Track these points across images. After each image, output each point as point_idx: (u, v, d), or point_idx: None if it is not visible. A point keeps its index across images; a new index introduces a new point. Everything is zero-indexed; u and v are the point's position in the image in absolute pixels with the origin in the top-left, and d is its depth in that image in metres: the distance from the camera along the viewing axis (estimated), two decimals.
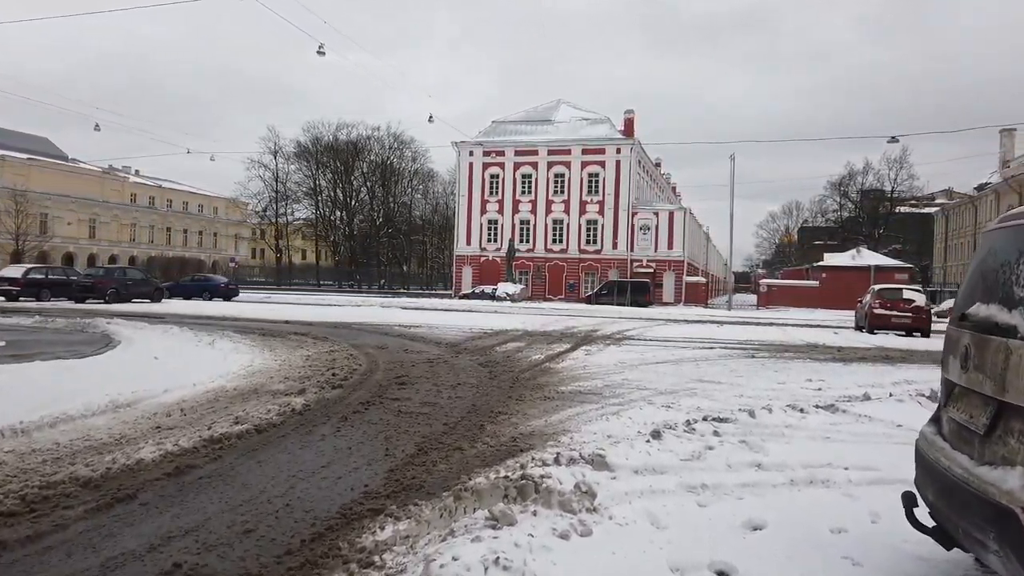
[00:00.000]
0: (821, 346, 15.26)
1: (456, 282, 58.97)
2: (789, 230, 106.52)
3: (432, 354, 11.51)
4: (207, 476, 4.36)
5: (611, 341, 14.99)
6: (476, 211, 58.25)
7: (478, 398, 7.42)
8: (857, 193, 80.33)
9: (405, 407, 6.77)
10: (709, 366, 10.77)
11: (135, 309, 23.08)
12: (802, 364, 11.39)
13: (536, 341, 14.43)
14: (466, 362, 10.59)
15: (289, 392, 7.29)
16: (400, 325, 17.94)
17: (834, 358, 12.58)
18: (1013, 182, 58.27)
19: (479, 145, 57.42)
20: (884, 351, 14.30)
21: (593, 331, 18.05)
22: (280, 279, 75.03)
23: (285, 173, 73.88)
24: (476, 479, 4.19)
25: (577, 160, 55.54)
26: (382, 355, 11.18)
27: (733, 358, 12.09)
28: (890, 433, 5.84)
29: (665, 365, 10.73)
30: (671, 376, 9.47)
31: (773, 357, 12.39)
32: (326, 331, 15.56)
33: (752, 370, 10.39)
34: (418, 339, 14.25)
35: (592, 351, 12.61)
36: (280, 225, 76.64)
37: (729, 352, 13.11)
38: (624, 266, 53.57)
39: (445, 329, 17.14)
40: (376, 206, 78.04)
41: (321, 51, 23.87)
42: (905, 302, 19.58)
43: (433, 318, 21.93)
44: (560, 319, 23.78)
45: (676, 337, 16.74)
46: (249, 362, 9.69)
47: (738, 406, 7.11)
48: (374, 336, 14.77)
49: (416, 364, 10.17)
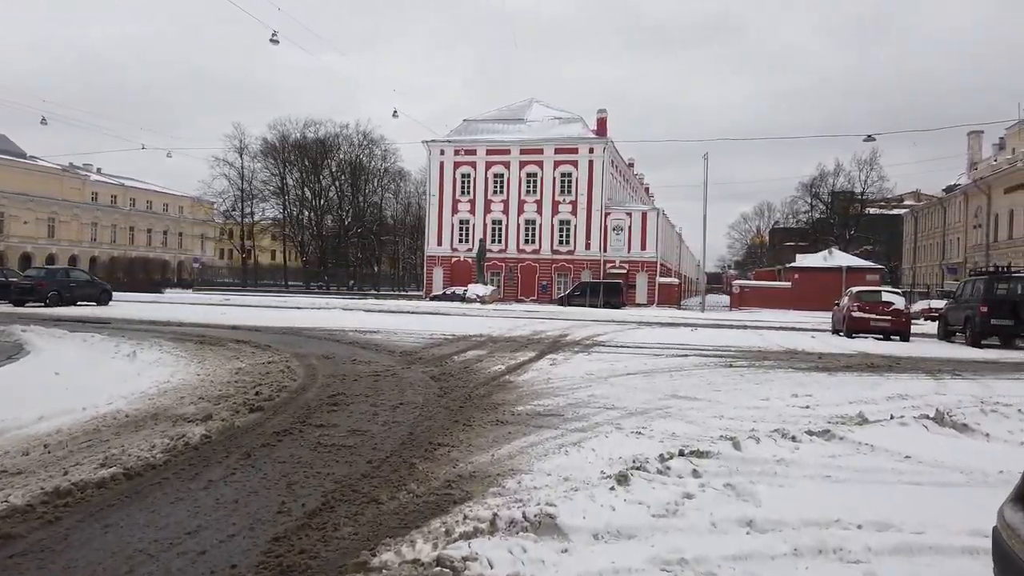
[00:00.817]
0: (801, 352, 14.45)
1: (427, 283, 57.77)
2: (760, 231, 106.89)
3: (381, 365, 10.41)
4: (21, 553, 3.25)
5: (580, 348, 14.02)
6: (447, 211, 57.11)
7: (419, 423, 6.36)
8: (828, 194, 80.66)
9: (328, 437, 5.68)
10: (684, 378, 9.83)
11: (77, 313, 21.59)
12: (784, 374, 10.51)
13: (499, 348, 13.40)
14: (417, 375, 9.52)
15: (194, 418, 6.17)
16: (356, 331, 16.79)
17: (816, 367, 11.73)
18: (982, 184, 58.65)
19: (450, 144, 56.28)
20: (868, 358, 13.51)
21: (562, 336, 17.08)
22: (246, 280, 73.04)
23: (251, 171, 71.95)
24: (383, 554, 3.14)
25: (550, 160, 54.68)
26: (325, 367, 10.07)
27: (709, 367, 11.18)
28: (900, 469, 4.91)
29: (636, 377, 9.76)
30: (643, 391, 8.49)
31: (752, 367, 11.51)
32: (273, 338, 14.38)
33: (731, 383, 9.47)
34: (371, 347, 13.14)
35: (558, 360, 11.61)
36: (246, 225, 74.58)
37: (705, 360, 12.20)
38: (597, 267, 52.82)
39: (404, 335, 16.04)
40: (345, 205, 76.39)
41: (275, 39, 22.57)
42: (884, 305, 18.91)
43: (395, 322, 20.80)
44: (529, 323, 22.80)
45: (649, 343, 15.84)
46: (167, 377, 8.52)
47: (719, 431, 6.15)
48: (324, 344, 13.62)
49: (360, 378, 9.07)
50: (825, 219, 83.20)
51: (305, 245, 74.65)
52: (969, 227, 63.15)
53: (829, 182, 79.71)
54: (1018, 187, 52.85)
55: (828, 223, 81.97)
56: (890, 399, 8.25)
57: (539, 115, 58.34)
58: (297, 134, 70.85)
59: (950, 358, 14.09)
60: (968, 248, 63.21)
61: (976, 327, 17.21)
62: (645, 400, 7.84)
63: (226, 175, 70.65)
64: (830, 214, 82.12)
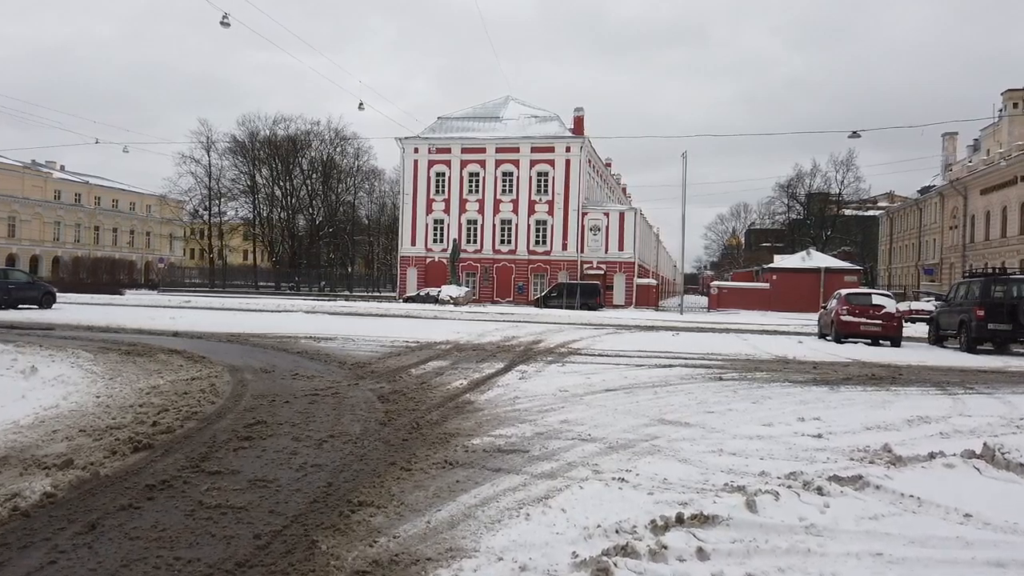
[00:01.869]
0: (793, 361, 13.33)
1: (400, 284, 56.25)
2: (736, 232, 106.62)
3: (325, 382, 9.06)
4: None
5: (554, 357, 12.76)
6: (421, 210, 55.64)
7: (345, 467, 5.04)
8: (805, 195, 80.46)
9: (218, 493, 4.34)
10: (671, 395, 8.60)
11: (13, 318, 19.91)
12: (781, 390, 9.34)
13: (465, 358, 12.09)
14: (363, 394, 8.18)
15: (52, 463, 4.78)
16: (311, 337, 15.37)
17: (815, 379, 10.58)
18: (958, 184, 58.55)
19: (425, 142, 54.82)
20: (866, 367, 12.42)
21: (535, 343, 15.82)
22: (214, 281, 70.82)
23: (219, 169, 69.72)
24: None
25: (526, 158, 53.46)
26: (258, 384, 8.69)
27: (697, 381, 9.98)
28: (965, 537, 3.70)
29: (617, 395, 8.52)
30: (625, 415, 7.25)
31: (744, 379, 10.33)
32: (213, 347, 12.93)
33: (724, 401, 8.26)
34: (320, 357, 11.75)
35: (528, 373, 10.33)
36: (213, 224, 72.32)
37: (691, 372, 11.00)
38: (574, 268, 51.71)
39: (362, 342, 14.67)
40: (318, 204, 74.45)
41: (225, 21, 20.95)
42: (875, 308, 17.91)
43: (357, 327, 19.41)
44: (501, 327, 21.52)
45: (629, 350, 14.63)
46: (57, 400, 7.10)
47: (722, 475, 4.91)
48: (268, 354, 12.20)
49: (293, 399, 7.71)
50: (801, 220, 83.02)
51: (275, 245, 72.53)
52: (946, 228, 63.11)
53: (806, 182, 79.57)
54: (995, 188, 52.75)
55: (805, 224, 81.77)
56: (910, 423, 7.09)
57: (515, 113, 57.09)
58: (267, 131, 68.86)
59: (952, 367, 13.05)
60: (945, 249, 63.16)
61: (972, 332, 16.25)
62: (628, 427, 6.59)
63: (193, 173, 68.42)
64: (807, 215, 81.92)
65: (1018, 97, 61.41)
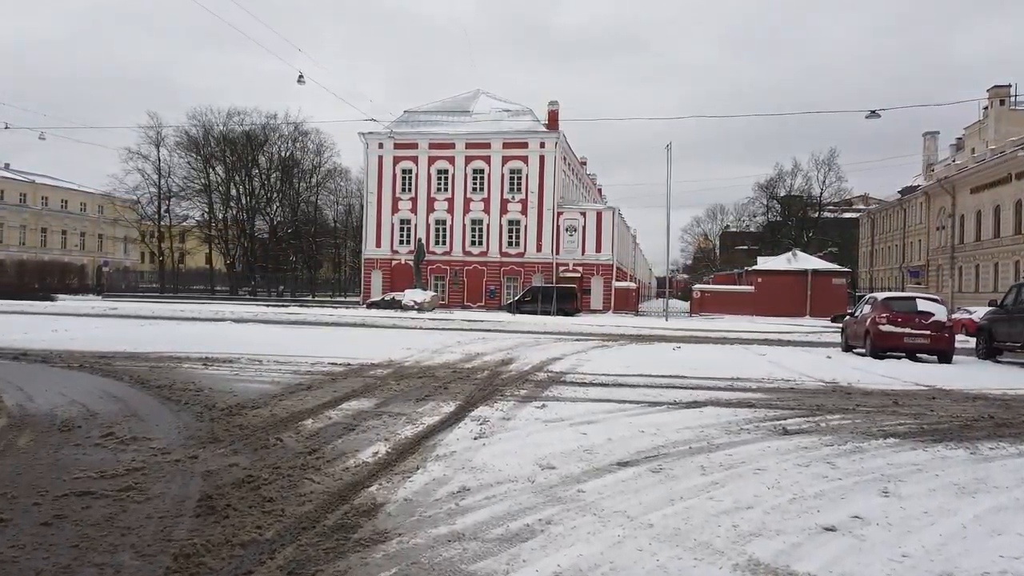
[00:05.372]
0: (856, 391, 9.84)
1: (365, 289, 52.35)
2: (709, 235, 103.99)
3: (139, 453, 5.32)
4: None
5: (529, 390, 9.12)
6: (387, 210, 51.81)
7: None
8: (784, 196, 78.08)
9: None
10: (729, 476, 5.04)
11: None
12: (895, 453, 5.82)
13: (401, 395, 8.40)
14: (177, 489, 4.44)
15: None
16: (204, 359, 11.52)
17: (923, 430, 7.08)
18: (946, 183, 56.26)
19: (389, 137, 50.96)
20: (967, 403, 9.00)
21: (505, 363, 12.20)
22: (164, 286, 66.04)
23: (168, 166, 64.95)
24: None
25: (498, 154, 49.94)
26: (15, 460, 4.96)
27: (753, 436, 6.43)
28: None
29: (640, 478, 4.91)
30: (672, 547, 3.66)
31: (819, 431, 6.80)
32: (43, 376, 9.07)
33: (827, 491, 4.72)
34: (184, 395, 7.92)
35: (491, 425, 6.67)
36: (164, 226, 67.49)
37: (734, 417, 7.44)
38: (549, 270, 48.26)
39: (270, 365, 10.89)
40: (279, 204, 69.96)
41: None
42: (922, 316, 14.58)
43: (284, 341, 15.64)
44: (466, 338, 17.87)
45: (628, 374, 11.04)
46: None
47: None
48: (112, 387, 8.34)
49: (41, 500, 4.00)
50: (781, 222, 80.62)
51: (231, 247, 67.88)
52: (932, 229, 60.87)
53: (787, 182, 77.21)
54: (986, 186, 50.43)
55: (785, 225, 79.33)
56: None
57: (486, 107, 53.54)
58: (221, 125, 64.30)
59: None
60: (931, 250, 60.96)
61: None
62: None
63: (140, 170, 63.55)
64: (787, 216, 79.54)
65: (1004, 94, 59.58)
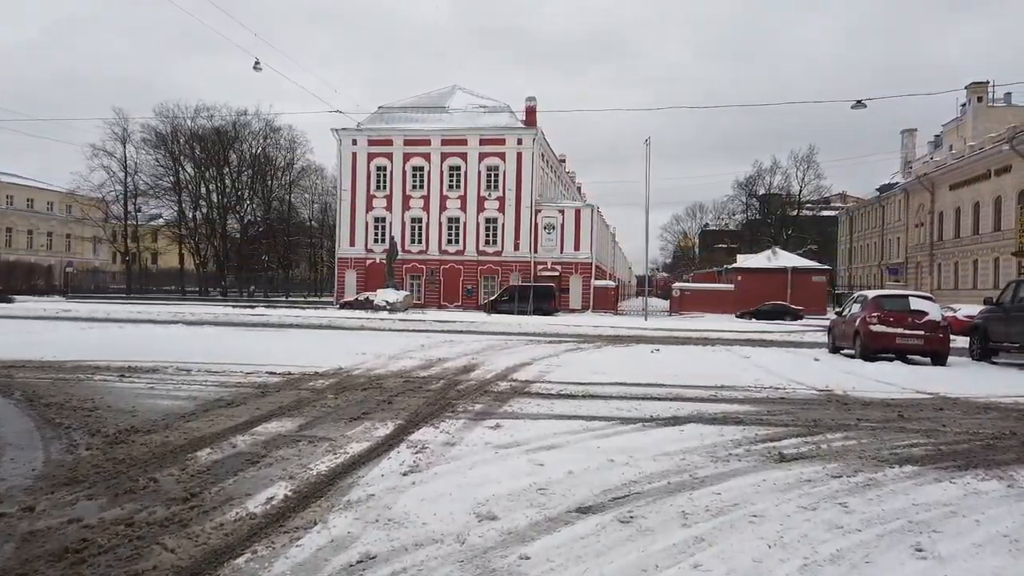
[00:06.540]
0: (853, 402, 8.89)
1: (338, 288, 50.91)
2: (688, 234, 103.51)
3: None
4: None
5: (486, 403, 8.03)
6: (361, 208, 50.39)
7: None
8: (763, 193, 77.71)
9: None
10: (718, 527, 4.00)
11: None
12: (919, 491, 4.82)
13: (335, 411, 7.26)
14: None
15: None
16: (125, 368, 10.27)
17: (942, 452, 6.11)
18: (925, 180, 55.99)
19: (363, 133, 49.56)
20: (977, 415, 8.06)
21: (466, 370, 11.10)
22: (132, 287, 64.03)
23: (135, 163, 62.88)
24: None
25: (474, 151, 48.73)
26: None
27: (744, 464, 5.41)
28: None
29: (604, 534, 3.86)
30: None
31: (820, 456, 5.80)
32: None
33: (846, 547, 3.70)
34: (74, 416, 6.71)
35: (429, 453, 5.55)
36: (130, 225, 65.38)
37: (720, 437, 6.41)
38: (527, 269, 47.17)
39: (197, 375, 9.70)
40: (250, 202, 68.13)
41: None
42: (915, 316, 13.70)
43: (226, 345, 14.42)
44: (431, 342, 16.74)
45: (603, 383, 10.00)
46: None
47: None
48: None
49: None
50: (760, 220, 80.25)
51: (202, 247, 65.97)
52: (911, 226, 60.68)
53: (766, 180, 76.80)
54: (965, 183, 50.15)
55: (765, 223, 78.95)
56: None
57: (462, 103, 52.24)
58: (189, 121, 62.38)
59: None
60: (910, 248, 60.76)
61: None
62: None
63: (106, 167, 61.42)
64: (767, 214, 79.15)
65: (981, 91, 59.51)
